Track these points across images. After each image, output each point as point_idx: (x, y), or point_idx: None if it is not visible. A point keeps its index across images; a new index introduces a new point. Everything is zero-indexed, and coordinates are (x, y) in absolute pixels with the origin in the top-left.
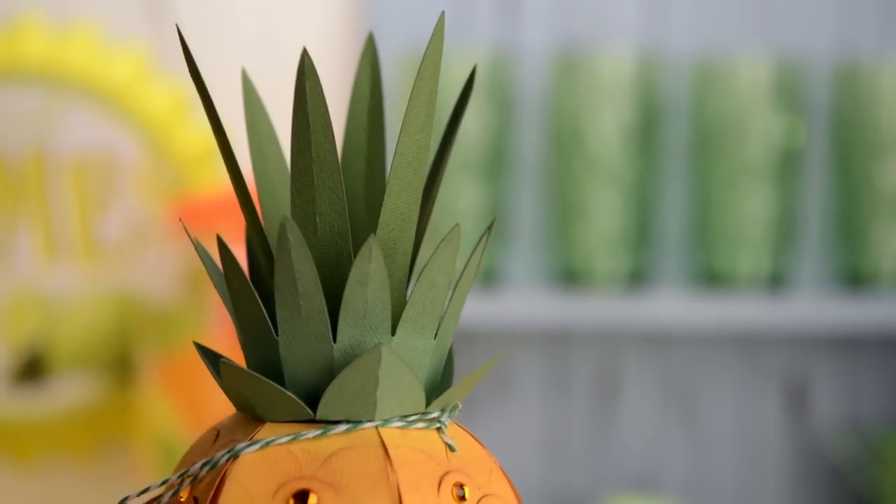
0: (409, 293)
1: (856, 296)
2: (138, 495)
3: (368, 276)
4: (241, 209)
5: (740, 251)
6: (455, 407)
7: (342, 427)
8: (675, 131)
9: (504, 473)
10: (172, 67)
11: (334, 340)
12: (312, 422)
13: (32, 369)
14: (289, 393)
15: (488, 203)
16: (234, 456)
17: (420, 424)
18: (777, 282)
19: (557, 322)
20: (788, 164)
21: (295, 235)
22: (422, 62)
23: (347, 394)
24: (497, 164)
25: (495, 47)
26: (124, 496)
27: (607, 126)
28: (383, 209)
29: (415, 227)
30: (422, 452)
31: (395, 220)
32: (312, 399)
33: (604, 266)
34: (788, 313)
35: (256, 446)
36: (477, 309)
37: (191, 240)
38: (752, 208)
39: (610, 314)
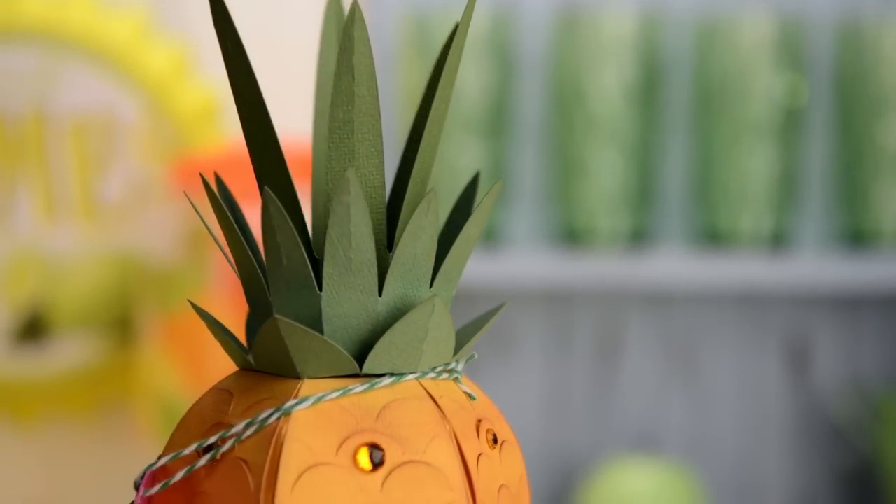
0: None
1: (858, 255)
2: (170, 460)
3: (423, 230)
4: (260, 162)
5: (742, 210)
6: (472, 356)
7: (387, 380)
8: (676, 89)
9: (506, 421)
10: (172, 26)
11: (379, 294)
12: (353, 376)
13: (33, 329)
14: (338, 347)
15: (489, 161)
16: (286, 414)
17: (444, 375)
18: (779, 240)
19: (558, 281)
20: (790, 123)
21: (356, 189)
22: (461, 20)
23: (396, 347)
24: (498, 123)
25: (497, 5)
26: (155, 460)
27: (609, 84)
28: (417, 163)
29: (429, 180)
30: (456, 402)
31: (421, 174)
32: (352, 353)
33: (605, 225)
34: (790, 272)
35: (308, 403)
36: (478, 268)
37: (216, 194)
38: (753, 167)
39: (611, 273)
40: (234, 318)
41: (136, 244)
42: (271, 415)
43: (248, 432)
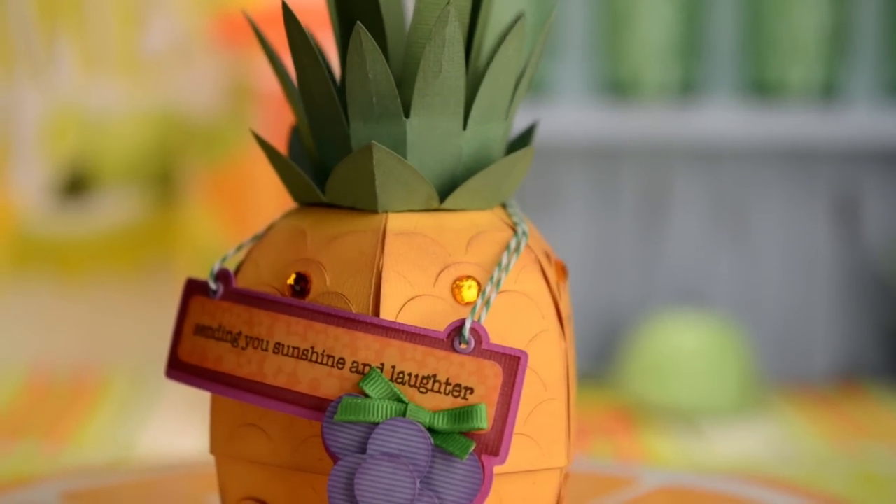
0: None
1: None
2: (474, 323)
3: (510, 61)
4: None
5: (792, 61)
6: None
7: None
8: None
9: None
10: None
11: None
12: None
13: (76, 186)
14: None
15: (535, 12)
16: (526, 243)
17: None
18: (829, 93)
19: (605, 135)
20: None
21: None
22: None
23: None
24: None
25: None
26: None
27: None
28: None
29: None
30: None
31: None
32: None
33: (653, 77)
34: (840, 125)
35: (524, 225)
36: (522, 122)
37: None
38: (804, 17)
39: (658, 126)
40: None
41: (177, 99)
42: (519, 244)
43: (511, 262)
